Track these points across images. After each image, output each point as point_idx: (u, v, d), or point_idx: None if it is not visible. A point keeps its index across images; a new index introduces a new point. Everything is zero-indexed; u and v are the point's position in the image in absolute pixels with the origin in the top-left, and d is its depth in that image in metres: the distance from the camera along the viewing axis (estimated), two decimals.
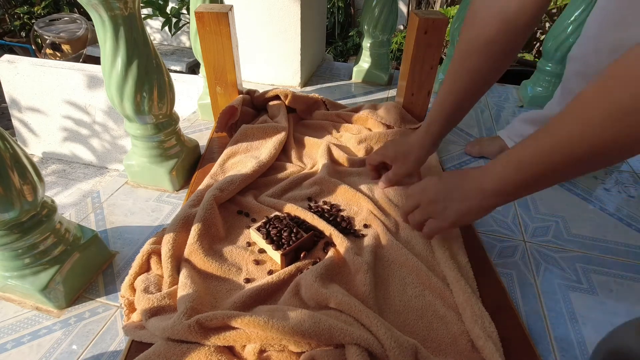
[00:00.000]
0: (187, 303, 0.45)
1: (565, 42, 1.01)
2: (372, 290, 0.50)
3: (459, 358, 0.45)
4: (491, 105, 1.13)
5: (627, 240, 0.67)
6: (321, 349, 0.42)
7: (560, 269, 0.61)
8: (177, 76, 1.51)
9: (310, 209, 0.64)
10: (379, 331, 0.42)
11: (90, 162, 1.73)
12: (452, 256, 0.56)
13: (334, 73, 1.33)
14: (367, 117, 0.88)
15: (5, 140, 0.42)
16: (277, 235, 0.55)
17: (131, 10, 0.55)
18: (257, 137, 0.80)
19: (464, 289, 0.50)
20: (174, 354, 0.42)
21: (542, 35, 2.07)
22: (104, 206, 0.70)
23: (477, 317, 0.47)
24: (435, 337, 0.47)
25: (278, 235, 0.55)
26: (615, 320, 0.53)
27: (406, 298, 0.52)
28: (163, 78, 0.64)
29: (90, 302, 0.53)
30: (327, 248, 0.57)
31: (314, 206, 0.65)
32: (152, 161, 0.70)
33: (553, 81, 1.10)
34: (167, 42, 2.39)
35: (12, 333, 0.49)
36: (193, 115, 1.03)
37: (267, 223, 0.58)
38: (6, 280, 0.49)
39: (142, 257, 0.53)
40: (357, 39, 2.52)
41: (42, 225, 0.47)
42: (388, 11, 1.11)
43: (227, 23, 0.75)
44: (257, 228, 0.57)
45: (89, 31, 2.36)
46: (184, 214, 0.58)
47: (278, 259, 0.54)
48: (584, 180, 0.81)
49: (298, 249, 0.55)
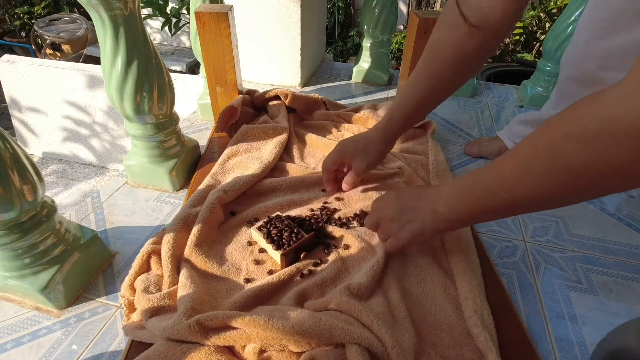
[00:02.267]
0: (187, 303, 0.45)
1: (565, 42, 1.01)
2: (378, 280, 0.51)
3: (453, 344, 0.46)
4: (491, 105, 1.13)
5: (627, 240, 0.67)
6: (321, 349, 0.42)
7: (560, 269, 0.61)
8: (177, 76, 1.51)
9: (314, 210, 0.64)
10: (380, 330, 0.42)
11: (90, 162, 1.73)
12: (462, 249, 0.57)
13: (334, 73, 1.33)
14: (368, 117, 0.88)
15: (5, 140, 0.42)
16: (277, 235, 0.55)
17: (131, 10, 0.55)
18: (258, 137, 0.80)
19: (469, 280, 0.52)
20: (174, 354, 0.42)
21: (542, 35, 2.07)
22: (104, 206, 0.70)
23: (478, 307, 0.48)
24: (432, 322, 0.48)
25: (279, 235, 0.55)
26: (615, 320, 0.53)
27: (407, 284, 0.53)
28: (163, 78, 0.64)
29: (90, 302, 0.53)
30: (329, 250, 0.57)
31: (316, 209, 0.65)
32: (152, 161, 0.70)
33: (553, 81, 1.10)
34: (167, 42, 2.39)
35: (12, 333, 0.49)
36: (193, 115, 1.03)
37: (268, 223, 0.58)
38: (6, 280, 0.49)
39: (142, 257, 0.53)
40: (357, 39, 2.52)
41: (42, 225, 0.47)
42: (388, 11, 1.11)
43: (227, 23, 0.75)
44: (258, 227, 0.57)
45: (89, 31, 2.36)
46: (184, 214, 0.58)
47: (278, 258, 0.54)
48: None
49: (298, 249, 0.55)
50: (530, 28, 2.06)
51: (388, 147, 0.64)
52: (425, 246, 0.59)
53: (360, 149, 0.63)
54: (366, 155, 0.63)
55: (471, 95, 1.17)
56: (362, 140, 0.64)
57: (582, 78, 0.66)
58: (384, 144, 0.63)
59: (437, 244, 0.60)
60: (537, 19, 2.05)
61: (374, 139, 0.63)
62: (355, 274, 0.53)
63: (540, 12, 2.03)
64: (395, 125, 0.61)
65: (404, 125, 0.62)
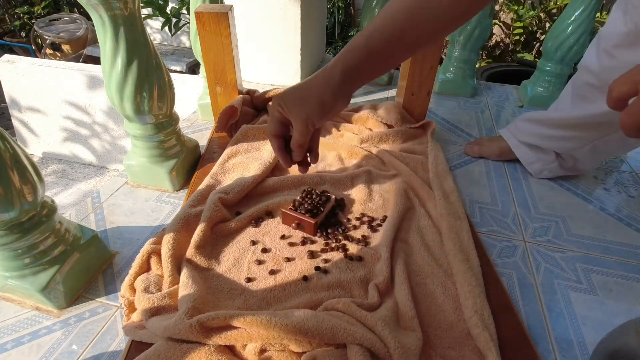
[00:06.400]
0: (188, 303, 0.45)
1: (565, 42, 1.01)
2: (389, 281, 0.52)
3: (453, 344, 0.46)
4: (491, 105, 1.13)
5: (627, 240, 0.67)
6: (322, 349, 0.42)
7: (560, 269, 0.61)
8: (177, 76, 1.52)
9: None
10: (383, 332, 0.42)
11: (90, 162, 1.73)
12: (462, 250, 0.57)
13: None
14: (368, 117, 0.89)
15: (5, 140, 0.42)
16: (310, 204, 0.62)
17: (131, 10, 0.55)
18: (258, 137, 0.80)
19: (469, 280, 0.52)
20: (174, 353, 0.42)
21: (542, 35, 2.07)
22: (104, 206, 0.70)
23: (478, 307, 0.48)
24: (431, 322, 0.48)
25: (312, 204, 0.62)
26: (615, 320, 0.53)
27: (409, 285, 0.53)
28: (163, 78, 0.64)
29: (90, 302, 0.53)
30: (339, 231, 0.62)
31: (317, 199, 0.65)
32: (152, 161, 0.70)
33: (553, 81, 1.10)
34: (167, 42, 2.39)
35: (12, 333, 0.49)
36: (193, 115, 1.03)
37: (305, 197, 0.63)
38: (6, 280, 0.49)
39: (142, 257, 0.53)
40: None
41: (42, 225, 0.47)
42: None
43: (227, 23, 0.75)
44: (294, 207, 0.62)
45: (89, 31, 2.36)
46: (184, 214, 0.58)
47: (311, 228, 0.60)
48: (584, 180, 0.81)
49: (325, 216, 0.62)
50: (530, 28, 2.06)
51: (336, 94, 0.44)
52: (425, 246, 0.59)
53: (298, 98, 0.45)
54: (302, 104, 0.44)
55: (471, 95, 1.17)
56: (304, 85, 0.45)
57: (604, 87, 0.62)
58: (329, 88, 0.43)
59: (437, 244, 0.60)
60: (537, 19, 2.05)
61: (318, 81, 0.44)
62: (362, 278, 0.53)
63: (540, 12, 2.03)
64: (350, 61, 0.43)
65: (361, 64, 0.44)
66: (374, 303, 0.48)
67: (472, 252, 0.58)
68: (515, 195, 0.76)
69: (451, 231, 0.60)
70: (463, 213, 0.65)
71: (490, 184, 0.79)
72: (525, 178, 0.81)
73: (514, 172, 0.83)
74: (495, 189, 0.78)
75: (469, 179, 0.80)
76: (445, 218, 0.62)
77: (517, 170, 0.83)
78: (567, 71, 1.08)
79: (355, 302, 0.46)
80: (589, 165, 0.80)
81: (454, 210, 0.64)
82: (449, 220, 0.62)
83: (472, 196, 0.76)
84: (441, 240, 0.60)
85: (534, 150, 0.79)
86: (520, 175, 0.82)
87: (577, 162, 0.78)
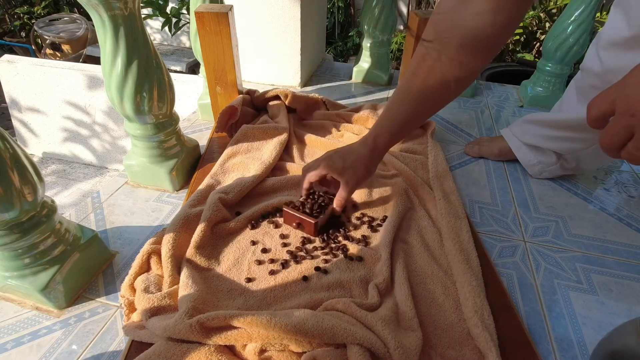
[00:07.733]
0: (189, 303, 0.45)
1: (565, 42, 1.01)
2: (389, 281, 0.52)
3: (453, 344, 0.46)
4: (491, 105, 1.13)
5: (627, 240, 0.67)
6: (322, 349, 0.42)
7: (560, 269, 0.61)
8: (177, 76, 1.51)
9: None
10: (383, 332, 0.42)
11: (90, 162, 1.73)
12: (462, 250, 0.57)
13: (334, 73, 1.33)
14: (368, 117, 0.88)
15: (5, 140, 0.42)
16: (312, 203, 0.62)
17: (131, 10, 0.55)
18: (258, 137, 0.80)
19: (469, 280, 0.52)
20: (174, 353, 0.42)
21: (542, 35, 2.07)
22: (104, 206, 0.70)
23: (478, 308, 0.48)
24: (431, 322, 0.48)
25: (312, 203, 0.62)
26: (615, 320, 0.53)
27: (409, 285, 0.53)
28: (163, 78, 0.64)
29: (90, 302, 0.53)
30: (341, 231, 0.62)
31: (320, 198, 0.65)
32: (152, 161, 0.70)
33: (553, 81, 1.10)
34: (167, 42, 2.39)
35: (12, 333, 0.49)
36: (193, 115, 1.03)
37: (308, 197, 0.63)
38: (6, 280, 0.49)
39: (142, 257, 0.53)
40: (357, 39, 2.52)
41: (42, 225, 0.47)
42: (388, 11, 1.11)
43: (227, 23, 0.75)
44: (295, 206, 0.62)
45: (89, 31, 2.36)
46: (184, 214, 0.58)
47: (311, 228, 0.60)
48: (584, 180, 0.81)
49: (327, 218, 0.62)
50: (530, 28, 2.06)
51: (375, 165, 0.63)
52: (425, 246, 0.60)
53: (349, 166, 0.60)
54: (354, 173, 0.60)
55: (471, 95, 1.17)
56: (351, 156, 0.61)
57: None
58: (373, 160, 0.61)
59: (437, 244, 0.60)
60: (537, 19, 2.05)
61: (363, 155, 0.60)
62: (362, 278, 0.53)
63: (540, 12, 2.03)
64: (382, 142, 0.60)
65: (390, 142, 0.61)
66: (374, 303, 0.48)
67: (472, 252, 0.58)
68: (515, 195, 0.77)
69: (451, 231, 0.60)
70: (463, 213, 0.65)
71: (490, 184, 0.79)
72: (525, 178, 0.81)
73: (514, 172, 0.83)
74: (495, 189, 0.78)
75: (468, 179, 0.80)
76: (445, 218, 0.62)
77: (517, 170, 0.83)
78: (567, 71, 1.08)
79: (355, 302, 0.46)
80: (592, 166, 0.80)
81: (454, 210, 0.64)
82: (449, 220, 0.62)
83: (472, 196, 0.76)
84: (441, 240, 0.60)
85: (535, 152, 0.79)
86: (520, 175, 0.82)
87: (581, 163, 0.77)
